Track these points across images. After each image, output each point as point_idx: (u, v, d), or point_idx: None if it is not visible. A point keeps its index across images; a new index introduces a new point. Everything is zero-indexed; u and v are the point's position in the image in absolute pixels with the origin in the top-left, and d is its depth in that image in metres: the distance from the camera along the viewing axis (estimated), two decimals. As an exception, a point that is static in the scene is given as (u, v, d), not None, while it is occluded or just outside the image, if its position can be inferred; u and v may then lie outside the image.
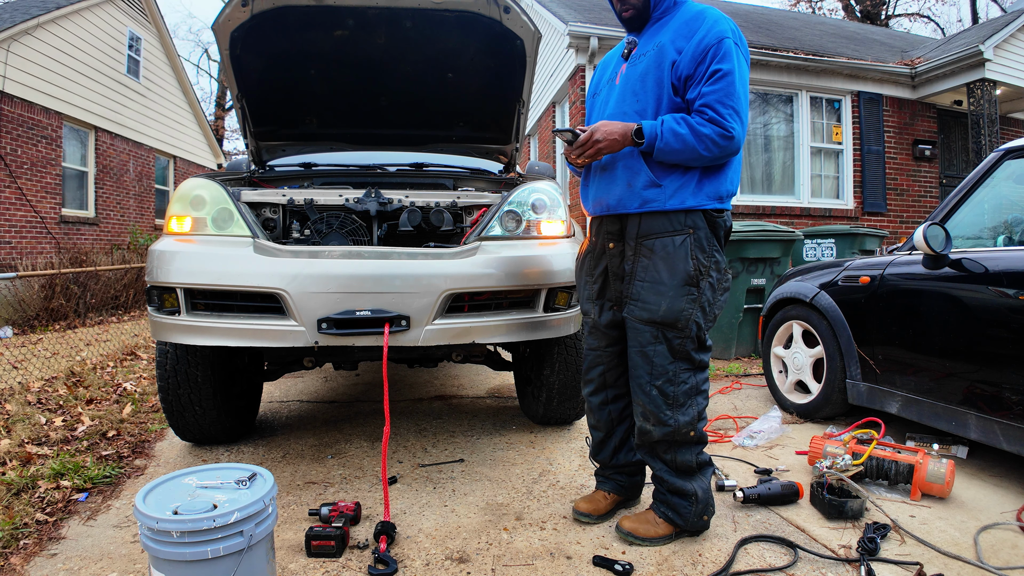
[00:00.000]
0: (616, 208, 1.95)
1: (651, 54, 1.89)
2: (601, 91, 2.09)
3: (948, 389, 2.57)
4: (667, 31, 1.90)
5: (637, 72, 1.92)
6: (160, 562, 1.38)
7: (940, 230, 2.55)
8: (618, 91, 1.98)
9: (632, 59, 1.97)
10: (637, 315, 1.92)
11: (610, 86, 2.03)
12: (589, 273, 2.13)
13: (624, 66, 1.99)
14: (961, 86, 7.77)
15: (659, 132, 1.80)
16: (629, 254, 1.95)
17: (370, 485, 2.48)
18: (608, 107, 2.01)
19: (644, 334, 1.91)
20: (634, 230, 1.93)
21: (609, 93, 2.03)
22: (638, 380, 1.95)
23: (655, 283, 1.88)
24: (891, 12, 22.66)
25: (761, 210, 7.60)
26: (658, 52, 1.87)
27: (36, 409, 3.51)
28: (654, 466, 2.02)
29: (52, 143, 9.25)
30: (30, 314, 6.92)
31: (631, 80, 1.94)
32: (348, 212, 2.60)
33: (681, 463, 1.97)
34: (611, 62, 2.13)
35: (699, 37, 1.81)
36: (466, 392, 3.99)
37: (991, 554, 1.90)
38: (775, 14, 11.73)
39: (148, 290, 2.34)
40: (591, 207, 2.07)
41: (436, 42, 2.92)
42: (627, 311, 1.95)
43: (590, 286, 2.13)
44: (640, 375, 1.94)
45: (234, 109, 3.11)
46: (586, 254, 2.16)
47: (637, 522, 2.02)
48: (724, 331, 5.08)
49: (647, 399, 1.93)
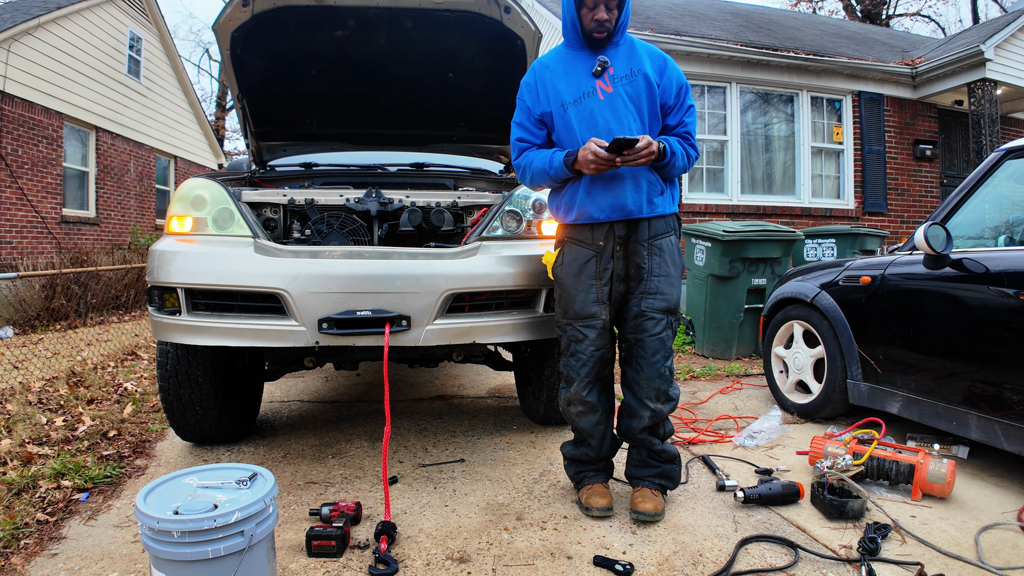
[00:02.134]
0: (635, 213, 2.11)
1: (639, 79, 2.12)
2: (582, 101, 2.13)
3: (949, 389, 2.57)
4: (639, 60, 2.15)
5: (631, 92, 2.12)
6: (161, 562, 1.38)
7: (941, 230, 2.55)
8: (612, 106, 2.11)
9: (615, 79, 2.12)
10: (657, 306, 2.14)
11: (592, 99, 2.12)
12: (596, 276, 2.14)
13: (601, 84, 2.12)
14: (962, 86, 7.75)
15: (674, 150, 2.12)
16: (644, 254, 2.14)
17: (371, 485, 2.48)
18: (606, 120, 2.10)
19: (660, 323, 2.15)
20: (645, 232, 2.14)
21: (597, 106, 2.11)
22: (655, 366, 2.14)
23: (667, 276, 2.15)
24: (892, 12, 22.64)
25: (762, 210, 7.59)
26: (646, 78, 2.12)
27: (37, 409, 3.51)
28: (652, 443, 2.21)
29: (53, 143, 9.25)
30: (31, 314, 6.92)
31: (624, 99, 2.11)
32: (349, 212, 2.61)
33: (668, 431, 2.28)
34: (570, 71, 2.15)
35: (674, 76, 2.18)
36: (467, 392, 3.99)
37: (992, 554, 1.90)
38: (776, 14, 11.72)
39: (149, 290, 2.34)
40: (603, 213, 2.10)
41: (437, 42, 2.92)
42: (646, 304, 2.14)
43: (598, 289, 2.14)
44: (657, 360, 2.14)
45: (235, 109, 3.11)
46: (587, 259, 2.14)
47: (647, 502, 2.15)
48: (725, 331, 5.08)
49: (662, 381, 2.15)
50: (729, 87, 7.56)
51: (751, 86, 7.67)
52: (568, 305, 2.18)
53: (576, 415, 2.23)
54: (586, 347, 2.16)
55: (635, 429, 2.19)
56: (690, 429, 3.18)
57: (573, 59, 2.17)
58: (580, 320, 2.16)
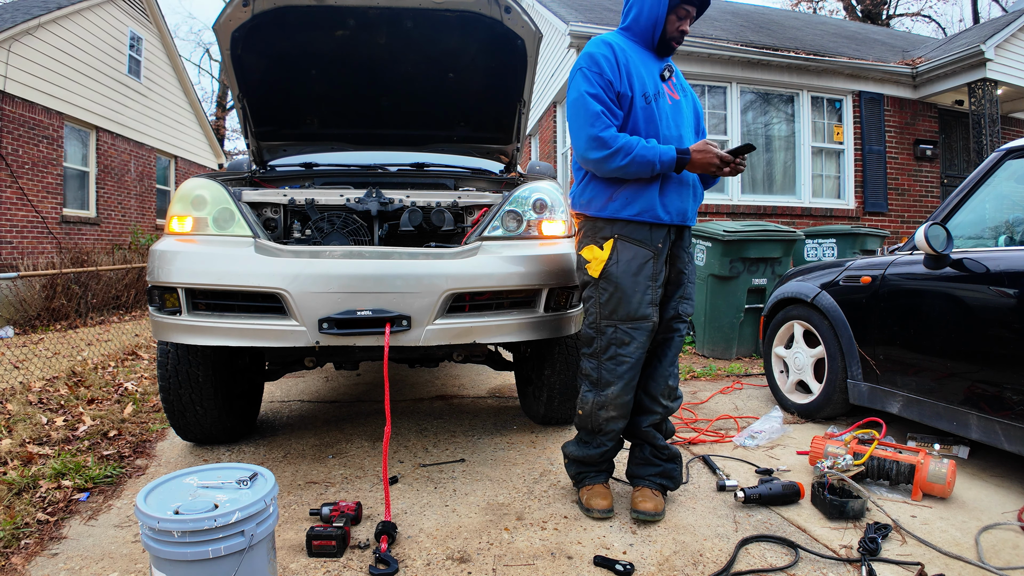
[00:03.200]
0: (689, 220, 2.21)
1: (691, 96, 2.30)
2: (659, 98, 2.13)
3: (949, 389, 2.57)
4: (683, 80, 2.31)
5: (686, 105, 2.25)
6: (161, 562, 1.38)
7: (941, 230, 2.55)
8: (677, 115, 2.19)
9: (676, 88, 2.23)
10: (689, 312, 2.26)
11: (662, 101, 2.14)
12: (653, 278, 2.12)
13: (668, 89, 2.19)
14: (962, 86, 7.75)
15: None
16: (685, 259, 2.25)
17: (371, 485, 2.48)
18: (678, 124, 2.18)
19: (685, 326, 2.28)
20: (688, 239, 2.27)
21: (667, 109, 2.15)
22: (672, 367, 2.26)
23: (695, 283, 2.28)
24: (892, 12, 22.63)
25: (762, 210, 7.59)
26: (694, 99, 2.31)
27: (37, 409, 3.51)
28: (656, 439, 2.25)
29: (53, 143, 9.26)
30: (31, 314, 6.92)
31: (684, 110, 2.23)
32: (349, 212, 2.60)
33: (669, 430, 2.34)
34: (645, 65, 2.14)
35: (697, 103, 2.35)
36: (467, 392, 3.99)
37: (992, 554, 1.90)
38: (776, 14, 11.72)
39: (149, 290, 2.34)
40: (669, 215, 2.13)
41: (437, 42, 2.92)
42: (682, 308, 2.25)
43: (654, 291, 2.12)
44: (675, 360, 2.27)
45: (235, 109, 3.11)
46: (647, 259, 2.10)
47: (647, 502, 2.16)
48: (725, 331, 5.08)
49: (675, 379, 2.27)
50: (729, 87, 7.56)
51: (751, 86, 7.67)
52: (619, 305, 2.09)
53: (606, 420, 2.16)
54: (634, 350, 2.10)
55: (641, 425, 2.21)
56: (691, 429, 3.18)
57: (643, 55, 2.17)
58: (631, 321, 2.09)
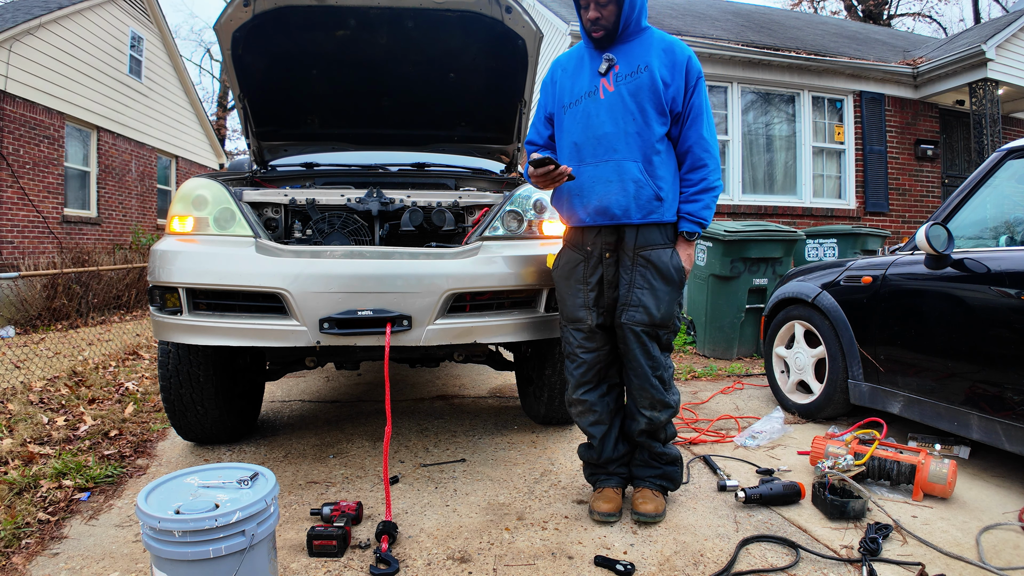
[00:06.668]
0: (620, 218, 2.06)
1: (643, 76, 2.03)
2: (580, 102, 2.12)
3: (950, 389, 2.57)
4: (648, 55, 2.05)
5: (631, 90, 2.04)
6: (162, 561, 1.39)
7: (942, 230, 2.55)
8: (609, 107, 2.06)
9: (618, 77, 2.06)
10: (637, 319, 2.08)
11: (592, 99, 2.09)
12: (583, 281, 2.15)
13: (605, 82, 2.07)
14: (963, 86, 7.75)
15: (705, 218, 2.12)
16: (628, 263, 2.10)
17: (372, 485, 2.48)
18: (601, 122, 2.07)
19: (642, 335, 2.09)
20: (632, 241, 2.09)
21: (594, 106, 2.08)
22: (642, 377, 2.12)
23: (652, 290, 2.07)
24: (893, 12, 22.61)
25: (763, 210, 7.59)
26: (650, 75, 2.03)
27: (38, 409, 3.52)
28: (653, 446, 2.20)
29: (54, 143, 9.26)
30: (32, 314, 6.93)
31: (625, 97, 2.04)
32: (350, 212, 2.61)
33: (671, 434, 2.24)
34: (579, 71, 2.15)
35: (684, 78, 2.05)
36: (468, 392, 3.99)
37: (993, 554, 1.90)
38: (777, 14, 11.71)
39: (150, 290, 2.34)
40: (589, 217, 2.11)
41: (438, 42, 2.92)
42: (627, 317, 2.08)
43: (585, 293, 2.14)
44: (644, 372, 2.11)
45: (236, 109, 3.11)
46: (576, 263, 2.16)
47: (648, 503, 2.14)
48: (726, 331, 5.08)
49: (654, 390, 2.12)
50: (730, 87, 7.56)
51: (752, 86, 7.67)
52: (562, 307, 2.23)
53: (576, 415, 2.26)
54: (575, 349, 2.19)
55: (634, 432, 2.20)
56: (691, 429, 3.18)
57: (586, 58, 2.16)
58: (571, 323, 2.20)
